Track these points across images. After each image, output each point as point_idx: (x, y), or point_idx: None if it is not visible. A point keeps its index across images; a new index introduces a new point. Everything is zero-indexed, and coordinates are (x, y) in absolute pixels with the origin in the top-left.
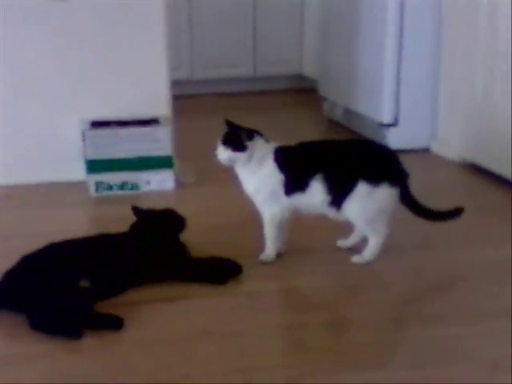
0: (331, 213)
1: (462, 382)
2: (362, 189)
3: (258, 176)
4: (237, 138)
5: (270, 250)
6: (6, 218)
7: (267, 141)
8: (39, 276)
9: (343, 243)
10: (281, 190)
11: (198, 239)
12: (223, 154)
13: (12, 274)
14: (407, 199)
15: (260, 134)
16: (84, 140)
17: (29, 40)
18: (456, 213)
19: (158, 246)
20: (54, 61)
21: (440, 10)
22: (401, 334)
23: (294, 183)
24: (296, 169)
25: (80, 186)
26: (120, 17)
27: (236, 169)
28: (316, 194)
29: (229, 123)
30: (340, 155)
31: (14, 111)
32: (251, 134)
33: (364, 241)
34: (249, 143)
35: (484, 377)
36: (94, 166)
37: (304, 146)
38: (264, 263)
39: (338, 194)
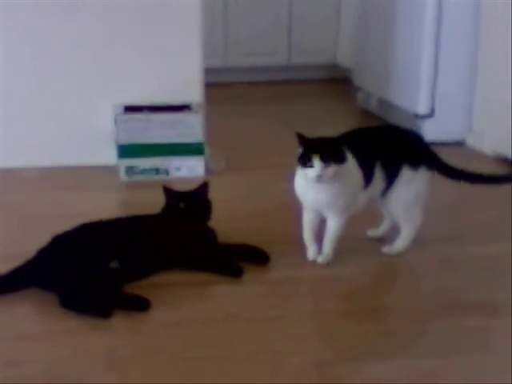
0: (380, 202)
1: (487, 371)
2: (404, 174)
3: (343, 181)
4: (337, 150)
5: (330, 251)
6: (40, 198)
7: None
8: (70, 255)
9: (374, 233)
10: (360, 187)
11: (227, 226)
12: (328, 171)
13: (44, 252)
14: (446, 170)
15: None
16: (116, 124)
17: (64, 27)
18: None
19: (187, 231)
20: (88, 46)
21: (478, 0)
22: (429, 324)
23: (367, 174)
24: (365, 160)
25: (111, 170)
26: (155, 3)
27: (318, 183)
28: (378, 182)
29: (301, 137)
30: (384, 141)
31: (48, 96)
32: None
33: (394, 231)
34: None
35: (509, 366)
36: (125, 150)
37: (353, 136)
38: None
39: (390, 181)
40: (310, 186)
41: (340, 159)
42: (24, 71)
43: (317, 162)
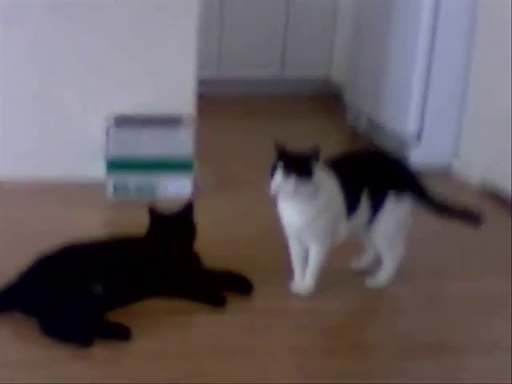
0: (363, 233)
1: None
2: (390, 201)
3: (317, 202)
4: (302, 164)
5: (311, 282)
6: (24, 214)
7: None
8: (53, 279)
9: (356, 265)
10: (341, 214)
11: (211, 250)
12: (289, 183)
13: (26, 276)
14: (426, 199)
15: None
16: (107, 137)
17: (56, 37)
18: (475, 218)
19: (171, 256)
20: (81, 57)
21: (472, 26)
22: (408, 363)
23: (352, 202)
24: (350, 186)
25: (99, 185)
26: (150, 13)
27: (284, 200)
28: (364, 211)
29: (279, 148)
30: (372, 168)
31: (38, 106)
32: (318, 156)
33: (377, 263)
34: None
35: None
36: (114, 164)
37: (340, 161)
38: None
39: (375, 211)
40: (284, 205)
41: (303, 173)
42: (15, 82)
43: (278, 173)
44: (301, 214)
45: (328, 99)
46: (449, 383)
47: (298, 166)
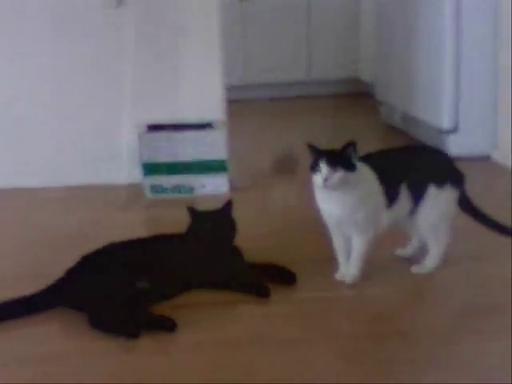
0: (407, 223)
1: None
2: (431, 193)
3: (357, 193)
4: (344, 157)
5: (356, 271)
6: (67, 218)
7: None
8: (98, 276)
9: (401, 252)
10: (381, 205)
11: (252, 244)
12: (334, 175)
13: (73, 273)
14: (465, 203)
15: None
16: (140, 143)
17: (88, 48)
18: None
19: (213, 251)
20: (111, 67)
21: (497, 12)
22: (456, 346)
23: (391, 193)
24: (389, 179)
25: (136, 188)
26: (176, 22)
27: (327, 192)
28: (404, 202)
29: (312, 146)
30: (411, 161)
31: (73, 115)
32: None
33: (422, 250)
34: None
35: None
36: (149, 168)
37: (378, 156)
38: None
39: (416, 201)
40: (325, 197)
41: (347, 166)
42: (46, 90)
43: (323, 167)
44: (341, 205)
45: (359, 97)
46: (499, 367)
47: (343, 159)
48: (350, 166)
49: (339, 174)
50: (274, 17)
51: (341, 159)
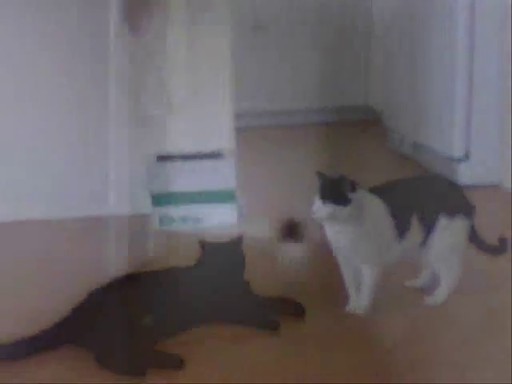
0: (418, 254)
1: None
2: (442, 224)
3: (365, 226)
4: (337, 191)
5: (366, 302)
6: (76, 250)
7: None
8: (104, 312)
9: (412, 283)
10: (390, 236)
11: (261, 275)
12: (322, 210)
13: (78, 310)
14: (473, 234)
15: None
16: (148, 173)
17: (95, 75)
18: None
19: (222, 285)
20: (119, 96)
21: (508, 38)
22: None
23: (402, 226)
24: (400, 211)
25: (144, 219)
26: (186, 50)
27: (331, 226)
28: (416, 233)
29: (321, 175)
30: (422, 192)
31: (81, 146)
32: (353, 184)
33: (434, 281)
34: (351, 195)
35: None
36: (158, 199)
37: (389, 188)
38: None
39: (427, 232)
40: (332, 229)
41: (338, 200)
42: (55, 121)
43: (316, 200)
44: (346, 236)
45: (368, 125)
46: None
47: (334, 194)
48: (341, 201)
49: (329, 209)
50: (285, 44)
51: (333, 194)
